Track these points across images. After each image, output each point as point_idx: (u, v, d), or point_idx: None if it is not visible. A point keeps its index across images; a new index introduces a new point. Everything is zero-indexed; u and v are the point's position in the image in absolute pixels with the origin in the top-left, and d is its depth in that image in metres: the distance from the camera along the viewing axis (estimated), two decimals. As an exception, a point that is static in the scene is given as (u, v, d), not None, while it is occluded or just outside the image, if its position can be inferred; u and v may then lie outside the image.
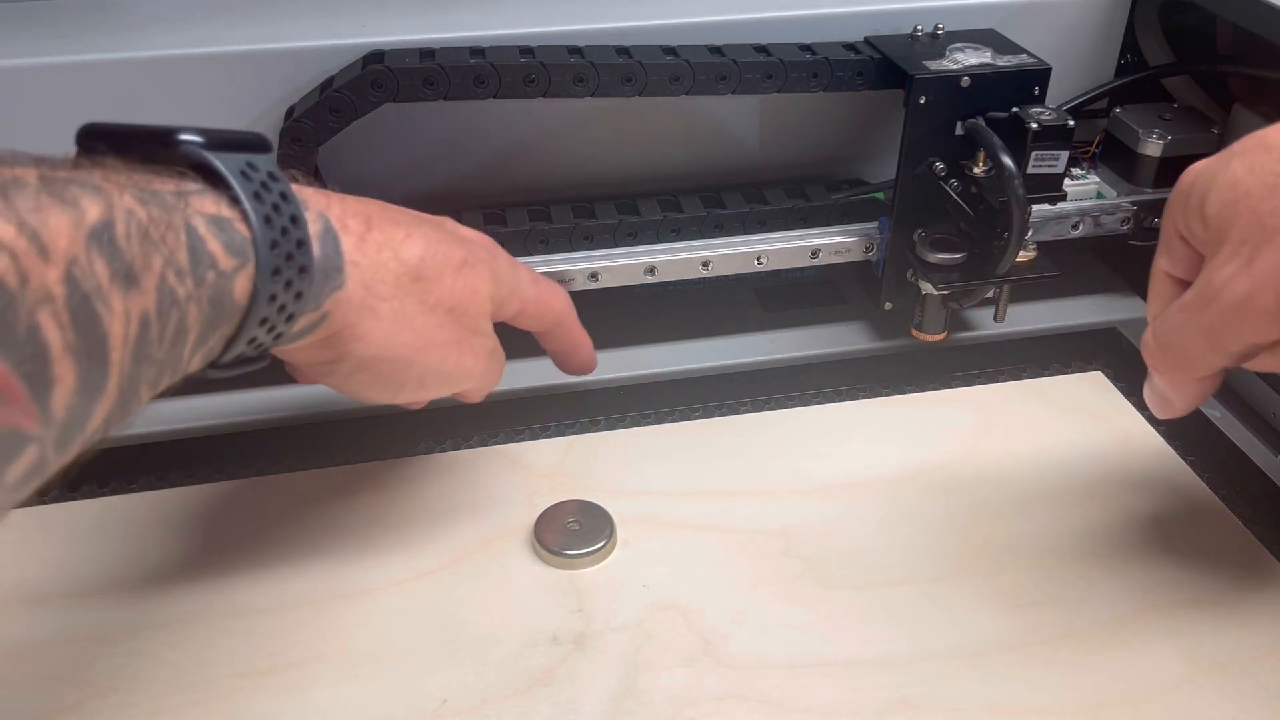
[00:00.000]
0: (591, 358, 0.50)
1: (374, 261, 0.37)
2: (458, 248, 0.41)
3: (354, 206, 0.38)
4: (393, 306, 0.38)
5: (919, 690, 0.39)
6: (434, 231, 0.41)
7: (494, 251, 0.44)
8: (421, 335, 0.39)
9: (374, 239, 0.38)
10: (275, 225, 0.32)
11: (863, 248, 0.55)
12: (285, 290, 0.33)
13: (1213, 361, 0.37)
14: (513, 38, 0.51)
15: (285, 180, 0.33)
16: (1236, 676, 0.39)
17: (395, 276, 0.38)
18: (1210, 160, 0.37)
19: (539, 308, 0.46)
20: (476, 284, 0.41)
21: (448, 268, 0.40)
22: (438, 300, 0.40)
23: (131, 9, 0.54)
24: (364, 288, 0.37)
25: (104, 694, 0.39)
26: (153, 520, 0.46)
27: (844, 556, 0.45)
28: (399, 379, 0.40)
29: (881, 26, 0.55)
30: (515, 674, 0.40)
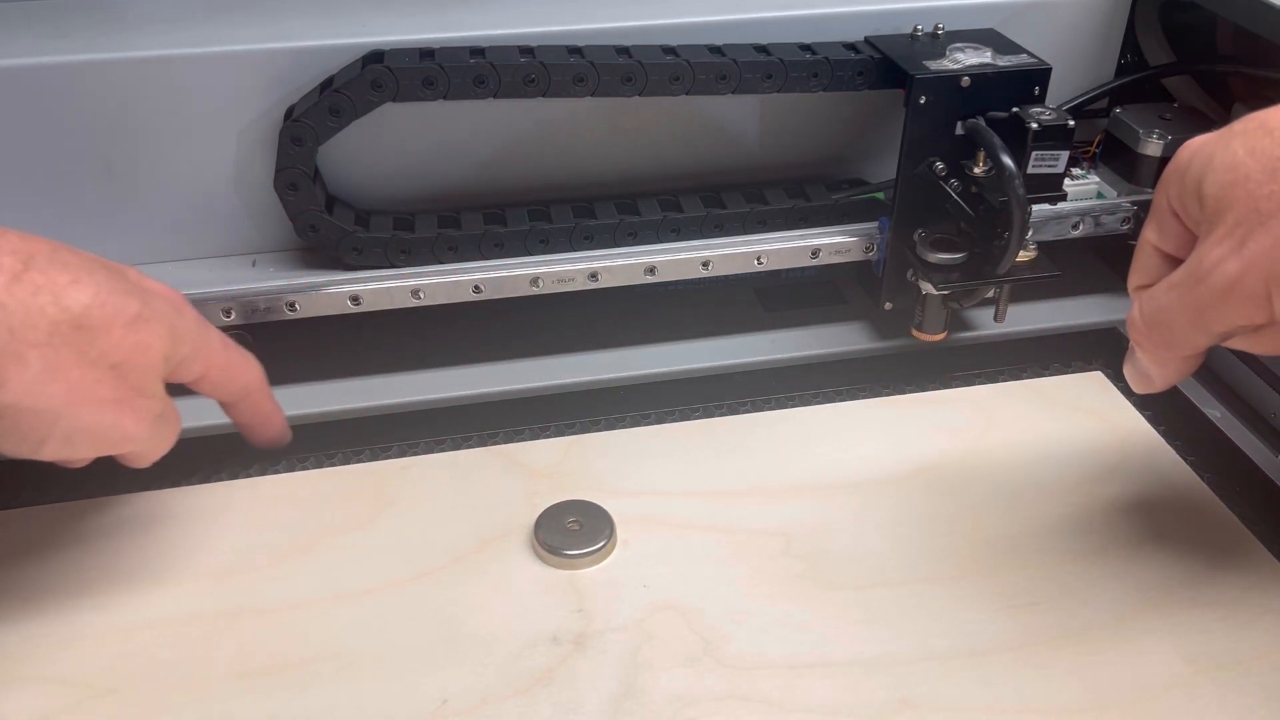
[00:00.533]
0: (284, 432, 0.47)
1: (26, 304, 0.35)
2: (133, 300, 0.38)
3: (14, 244, 0.36)
4: (44, 354, 0.36)
5: (919, 690, 0.39)
6: (109, 280, 0.38)
7: (180, 308, 0.41)
8: (75, 389, 0.37)
9: (31, 280, 0.35)
10: None
11: (863, 248, 0.55)
12: None
13: (1197, 340, 0.37)
14: (513, 38, 0.51)
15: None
16: (1236, 676, 0.39)
17: (52, 323, 0.36)
18: (1210, 137, 0.37)
19: (224, 375, 0.43)
20: (150, 340, 0.39)
21: (118, 320, 0.37)
22: (101, 354, 0.37)
23: (131, 9, 0.54)
24: (9, 331, 0.35)
25: (104, 694, 0.39)
26: (153, 520, 0.46)
27: (844, 556, 0.45)
28: (42, 432, 0.37)
29: (881, 26, 0.55)
30: (515, 674, 0.40)
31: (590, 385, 0.55)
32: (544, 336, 0.57)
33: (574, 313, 0.59)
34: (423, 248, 0.52)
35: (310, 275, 0.52)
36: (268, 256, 0.54)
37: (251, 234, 0.54)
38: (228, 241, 0.54)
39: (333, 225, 0.51)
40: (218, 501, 0.47)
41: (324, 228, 0.51)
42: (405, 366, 0.55)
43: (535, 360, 0.56)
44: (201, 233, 0.53)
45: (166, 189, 0.52)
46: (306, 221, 0.51)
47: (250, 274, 0.53)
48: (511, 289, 0.52)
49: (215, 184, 0.52)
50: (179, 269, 0.53)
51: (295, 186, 0.50)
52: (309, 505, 0.47)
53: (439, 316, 0.55)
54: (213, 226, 0.53)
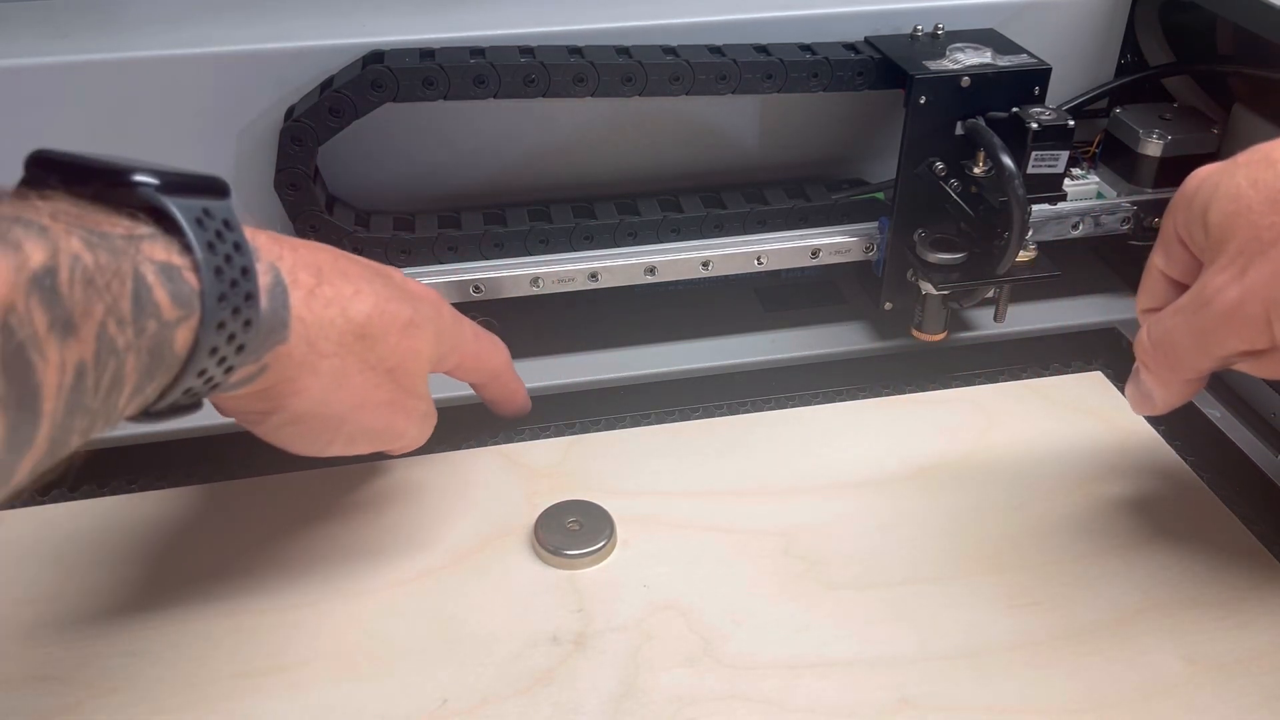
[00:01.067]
0: (526, 404, 0.51)
1: (320, 318, 0.37)
2: (405, 306, 0.40)
3: (306, 257, 0.37)
4: (333, 364, 0.38)
5: (919, 690, 0.39)
6: (384, 288, 0.40)
7: (439, 308, 0.44)
8: (358, 394, 0.39)
9: (323, 294, 0.37)
10: (225, 277, 0.31)
11: (863, 248, 0.55)
12: (228, 343, 0.32)
13: (1201, 364, 0.39)
14: (513, 38, 0.51)
15: (240, 229, 0.33)
16: (1236, 676, 0.39)
17: (340, 334, 0.38)
18: (1216, 168, 0.38)
19: (476, 363, 0.47)
20: (419, 345, 0.41)
21: (394, 327, 0.40)
22: (379, 360, 0.39)
23: (131, 9, 0.54)
24: (307, 344, 0.36)
25: (104, 694, 0.39)
26: (153, 520, 0.46)
27: (844, 556, 0.45)
28: (329, 435, 0.40)
29: (881, 26, 0.55)
30: (515, 674, 0.40)
31: (590, 385, 0.55)
32: (544, 336, 0.57)
33: (574, 313, 0.59)
34: (423, 248, 0.52)
35: (310, 275, 0.52)
36: (268, 256, 0.54)
37: (251, 234, 0.54)
38: (228, 241, 0.54)
39: (333, 225, 0.51)
40: (218, 501, 0.47)
41: (324, 228, 0.51)
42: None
43: (535, 360, 0.56)
44: (201, 233, 0.53)
45: (166, 189, 0.52)
46: (307, 221, 0.51)
47: (250, 274, 0.53)
48: (511, 289, 0.52)
49: (215, 184, 0.52)
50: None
51: (295, 186, 0.50)
52: (309, 505, 0.47)
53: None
54: (213, 226, 0.53)
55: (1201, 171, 0.39)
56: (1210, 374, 0.40)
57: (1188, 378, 0.40)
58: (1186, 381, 0.40)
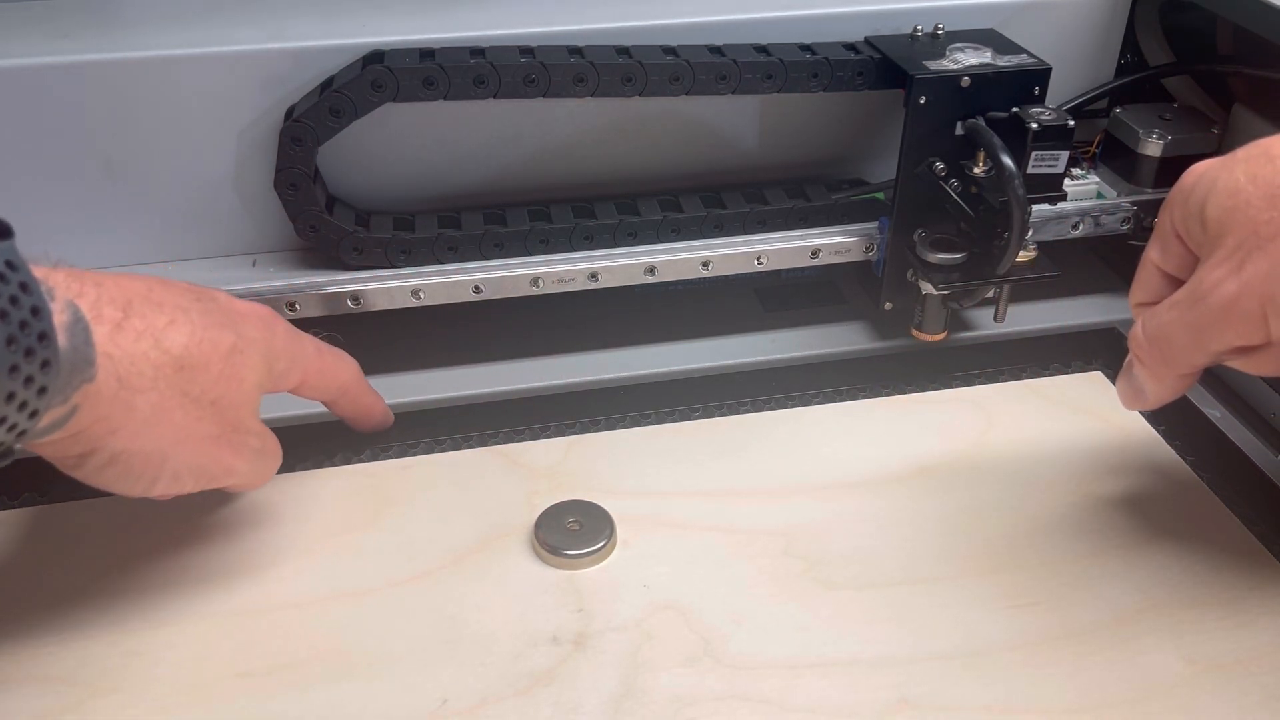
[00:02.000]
0: (385, 417, 0.50)
1: (130, 352, 0.35)
2: (227, 332, 0.39)
3: (112, 291, 0.36)
4: (150, 399, 0.36)
5: (919, 690, 0.39)
6: (202, 316, 0.39)
7: (270, 326, 0.42)
8: (180, 429, 0.38)
9: (132, 326, 0.36)
10: (12, 319, 0.31)
11: (863, 248, 0.55)
12: (25, 386, 0.31)
13: (1195, 359, 0.39)
14: (513, 38, 0.51)
15: (25, 268, 0.32)
16: (1236, 676, 0.39)
17: (155, 367, 0.36)
18: (1214, 163, 0.38)
19: (321, 379, 0.45)
20: (244, 373, 0.40)
21: (215, 355, 0.38)
22: (201, 391, 0.38)
23: (131, 9, 0.54)
24: (117, 380, 0.35)
25: (104, 694, 0.39)
26: (153, 520, 0.46)
27: (844, 556, 0.45)
28: (152, 473, 0.38)
29: (881, 26, 0.55)
30: (515, 674, 0.40)
31: (590, 385, 0.55)
32: (544, 336, 0.57)
33: (574, 313, 0.59)
34: (423, 248, 0.52)
35: (310, 275, 0.52)
36: (268, 256, 0.54)
37: (251, 234, 0.54)
38: (228, 241, 0.54)
39: (333, 225, 0.51)
40: (218, 502, 0.47)
41: (324, 228, 0.51)
42: (405, 366, 0.55)
43: (535, 360, 0.56)
44: (201, 233, 0.53)
45: (166, 189, 0.52)
46: (307, 221, 0.51)
47: (250, 274, 0.53)
48: (511, 289, 0.52)
49: (215, 184, 0.52)
50: (179, 269, 0.53)
51: (295, 186, 0.50)
52: (309, 505, 0.47)
53: (439, 316, 0.55)
54: (213, 226, 0.53)
55: (1199, 167, 0.39)
56: (1204, 369, 0.40)
57: (1182, 372, 0.40)
58: (1180, 376, 0.40)
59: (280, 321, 0.43)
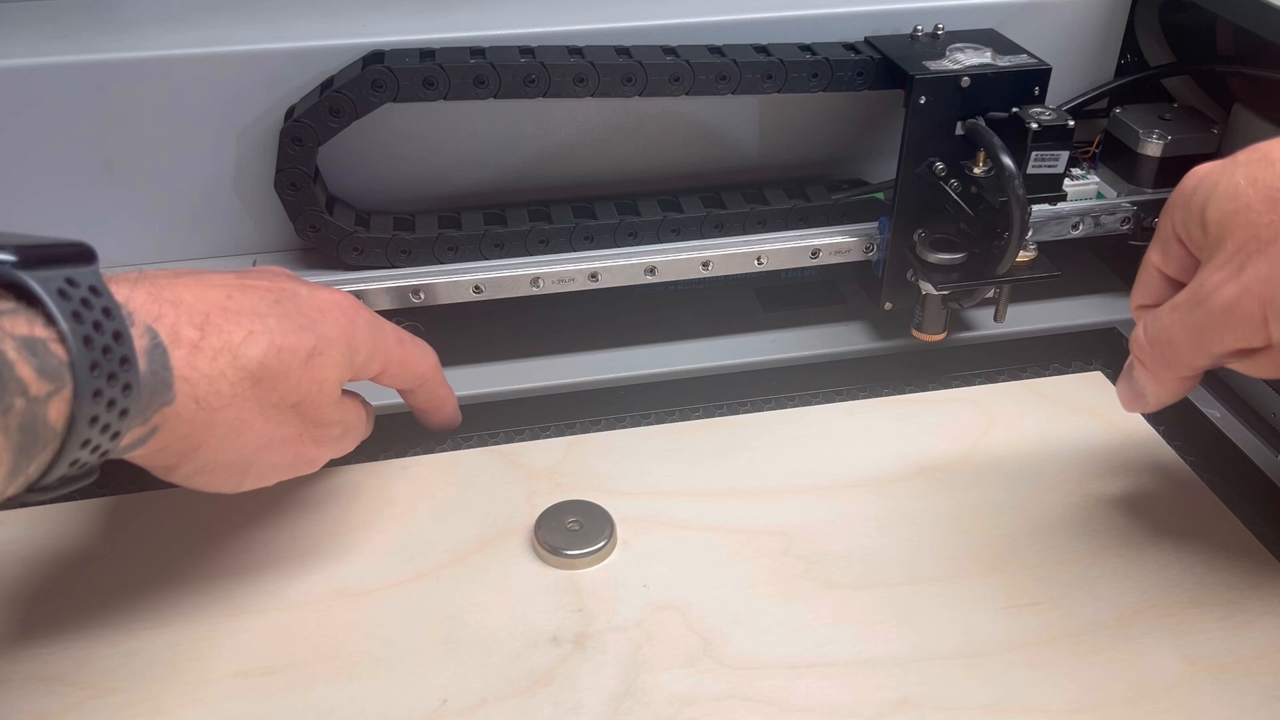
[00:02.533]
0: (456, 415, 0.50)
1: (207, 373, 0.36)
2: (306, 336, 0.39)
3: (189, 309, 0.36)
4: (229, 415, 0.37)
5: (919, 690, 0.39)
6: (280, 321, 0.39)
7: (352, 318, 0.42)
8: (260, 436, 0.38)
9: (210, 346, 0.36)
10: (96, 345, 0.31)
11: (863, 248, 0.55)
12: (108, 410, 0.32)
13: (1196, 361, 0.39)
14: (513, 38, 0.51)
15: (109, 294, 0.32)
16: (1236, 676, 0.39)
17: (233, 385, 0.37)
18: (1214, 166, 0.38)
19: (402, 369, 0.46)
20: (324, 374, 0.40)
21: (294, 362, 0.39)
22: (281, 399, 0.39)
23: (131, 9, 0.54)
24: (195, 401, 0.36)
25: (104, 694, 0.39)
26: (153, 520, 0.46)
27: (844, 556, 0.45)
28: (238, 479, 0.40)
29: (881, 26, 0.55)
30: (515, 674, 0.40)
31: (590, 385, 0.55)
32: (544, 336, 0.57)
33: (574, 313, 0.59)
34: (423, 248, 0.52)
35: (310, 275, 0.52)
36: (268, 256, 0.54)
37: (252, 234, 0.54)
38: (228, 241, 0.54)
39: (333, 225, 0.51)
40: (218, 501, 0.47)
41: (324, 228, 0.51)
42: (405, 366, 0.55)
43: (535, 360, 0.56)
44: (202, 233, 0.53)
45: (166, 189, 0.52)
46: (307, 221, 0.51)
47: (250, 274, 0.53)
48: (511, 289, 0.52)
49: (215, 184, 0.52)
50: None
51: (296, 186, 0.50)
52: (309, 505, 0.47)
53: (439, 316, 0.55)
54: (213, 226, 0.53)
55: (1200, 169, 0.39)
56: (1204, 372, 0.40)
57: (1183, 375, 0.40)
58: (1181, 379, 0.40)
59: (362, 311, 0.43)
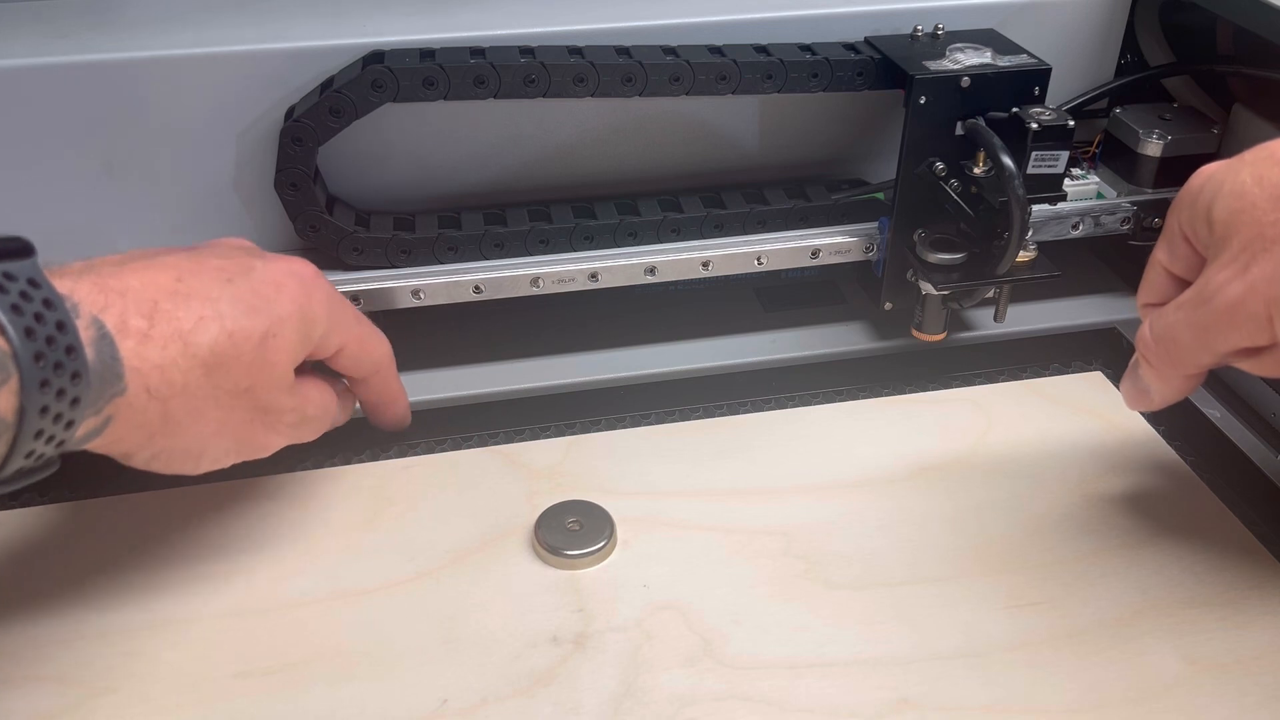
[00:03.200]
0: (407, 413, 0.49)
1: (158, 362, 0.36)
2: (259, 319, 0.39)
3: (136, 296, 0.36)
4: (182, 402, 0.37)
5: (919, 690, 0.39)
6: (232, 305, 0.38)
7: (309, 290, 0.41)
8: (214, 423, 0.38)
9: (159, 335, 0.36)
10: (38, 335, 0.31)
11: (863, 248, 0.55)
12: (59, 399, 0.32)
13: (1202, 359, 0.39)
14: (513, 38, 0.51)
15: (49, 285, 0.32)
16: (1236, 676, 0.39)
17: (184, 373, 0.36)
18: (1221, 165, 0.39)
19: (360, 349, 0.45)
20: (276, 357, 0.39)
21: (246, 347, 0.38)
22: (234, 384, 0.38)
23: (131, 9, 0.54)
24: (147, 391, 0.35)
25: (104, 694, 0.39)
26: (153, 520, 0.46)
27: (844, 556, 0.45)
28: (193, 463, 0.40)
29: (881, 26, 0.55)
30: (515, 674, 0.40)
31: (590, 385, 0.55)
32: (544, 336, 0.57)
33: (574, 313, 0.59)
34: (423, 248, 0.52)
35: (310, 275, 0.52)
36: (268, 256, 0.54)
37: (252, 234, 0.53)
38: (228, 241, 0.54)
39: (333, 225, 0.51)
40: (218, 501, 0.47)
41: (324, 228, 0.51)
42: (406, 366, 0.55)
43: (535, 360, 0.56)
44: (202, 233, 0.53)
45: (166, 189, 0.52)
46: (307, 221, 0.51)
47: (250, 274, 0.53)
48: (511, 289, 0.52)
49: (215, 184, 0.52)
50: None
51: (296, 186, 0.50)
52: (309, 505, 0.47)
53: (439, 316, 0.55)
54: (213, 226, 0.53)
55: (1207, 169, 0.39)
56: (1209, 370, 0.40)
57: (1188, 373, 0.40)
58: (1187, 377, 0.41)
59: (321, 283, 0.42)
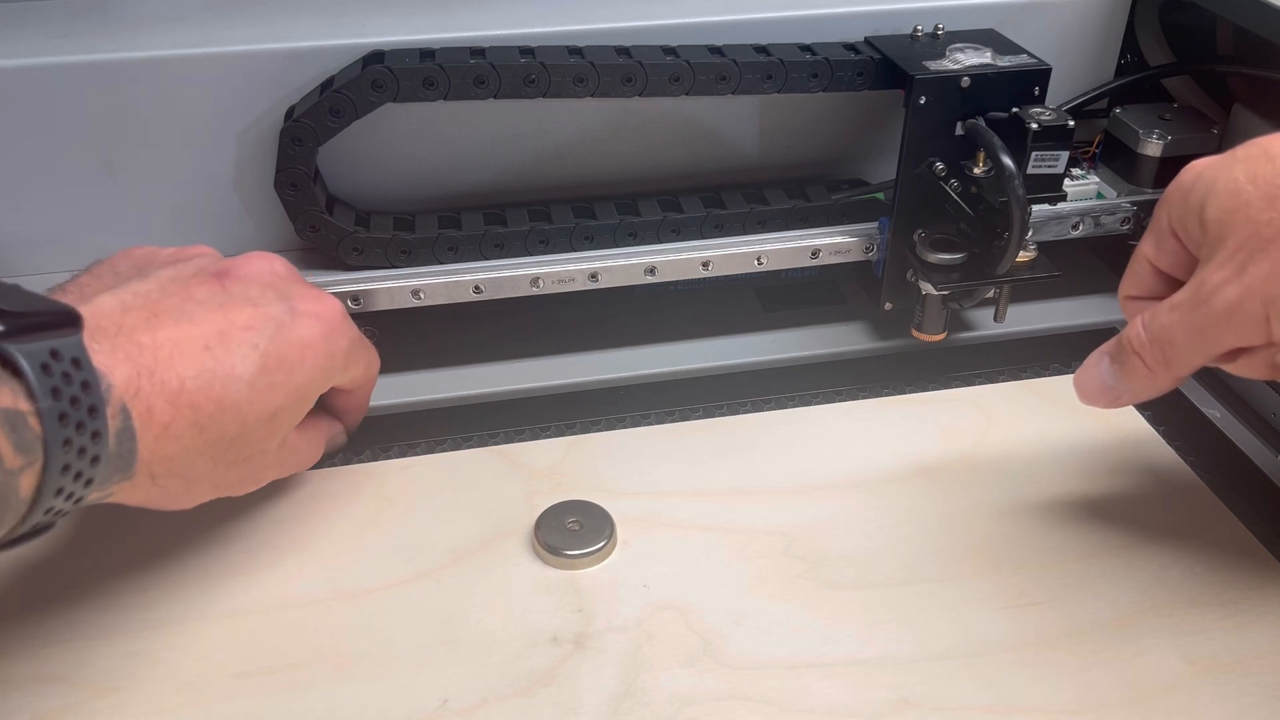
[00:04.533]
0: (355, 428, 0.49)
1: (170, 454, 0.36)
2: (276, 396, 0.39)
3: (163, 377, 0.35)
4: (181, 480, 0.37)
5: (919, 690, 0.39)
6: (251, 387, 0.38)
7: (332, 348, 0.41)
8: (207, 484, 0.39)
9: (178, 425, 0.36)
10: (70, 421, 0.31)
11: (863, 248, 0.55)
12: (74, 480, 0.32)
13: (1196, 360, 0.39)
14: (513, 38, 0.51)
15: (89, 366, 0.32)
16: (1236, 676, 0.39)
17: (194, 455, 0.37)
18: (1213, 161, 0.38)
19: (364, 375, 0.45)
20: (283, 428, 0.40)
21: (258, 425, 0.39)
22: (236, 455, 0.39)
23: (131, 9, 0.54)
24: (151, 479, 0.36)
25: (104, 694, 0.39)
26: (153, 520, 0.46)
27: (844, 556, 0.45)
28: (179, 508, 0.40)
29: (881, 27, 0.55)
30: (515, 674, 0.40)
31: (590, 385, 0.55)
32: (544, 336, 0.57)
33: (574, 313, 0.59)
34: (423, 248, 0.52)
35: (310, 275, 0.52)
36: (268, 257, 0.54)
37: (252, 234, 0.54)
38: (228, 242, 0.53)
39: (333, 225, 0.51)
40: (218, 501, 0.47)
41: (324, 228, 0.51)
42: (405, 366, 0.55)
43: (535, 360, 0.56)
44: (202, 233, 0.53)
45: (166, 189, 0.52)
46: (307, 221, 0.51)
47: (250, 274, 0.53)
48: (511, 289, 0.52)
49: (215, 184, 0.52)
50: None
51: (296, 186, 0.50)
52: (309, 505, 0.47)
53: (439, 316, 0.55)
54: (213, 226, 0.53)
55: (1197, 165, 0.39)
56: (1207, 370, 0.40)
57: (1180, 374, 0.40)
58: (1177, 377, 0.40)
59: (344, 330, 0.42)
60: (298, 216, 0.51)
